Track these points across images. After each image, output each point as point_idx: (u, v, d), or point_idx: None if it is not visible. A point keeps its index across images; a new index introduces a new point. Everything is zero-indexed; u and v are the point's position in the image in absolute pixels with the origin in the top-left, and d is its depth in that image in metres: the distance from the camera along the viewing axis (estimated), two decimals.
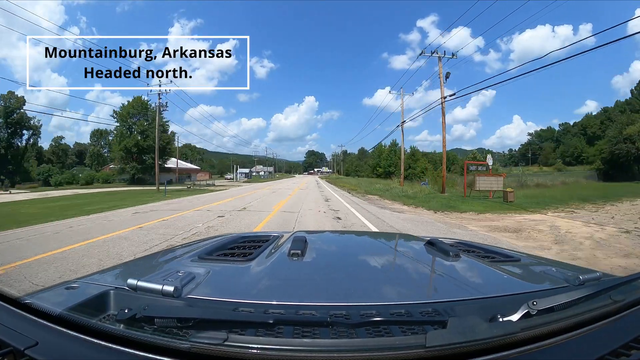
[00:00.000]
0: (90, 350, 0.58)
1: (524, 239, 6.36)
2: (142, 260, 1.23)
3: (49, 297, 0.79)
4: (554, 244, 5.82)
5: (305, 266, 1.06)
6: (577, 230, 6.97)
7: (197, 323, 0.60)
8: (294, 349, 0.55)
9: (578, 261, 4.55)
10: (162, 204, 13.71)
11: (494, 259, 1.18)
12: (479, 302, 0.78)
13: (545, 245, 5.80)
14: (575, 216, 9.14)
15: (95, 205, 13.10)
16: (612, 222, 7.94)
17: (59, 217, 9.24)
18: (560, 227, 7.37)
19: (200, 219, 8.83)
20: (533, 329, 0.60)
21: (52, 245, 5.53)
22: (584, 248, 5.48)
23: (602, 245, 5.60)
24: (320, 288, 0.91)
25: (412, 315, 0.67)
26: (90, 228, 7.44)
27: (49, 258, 4.69)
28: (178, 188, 29.56)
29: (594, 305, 0.71)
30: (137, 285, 0.73)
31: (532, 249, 5.37)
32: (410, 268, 1.17)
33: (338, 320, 0.61)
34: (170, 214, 10.06)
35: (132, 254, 4.85)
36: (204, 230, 7.13)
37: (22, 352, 0.56)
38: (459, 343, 0.54)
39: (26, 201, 16.46)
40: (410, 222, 8.64)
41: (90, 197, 18.32)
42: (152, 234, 6.65)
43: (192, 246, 1.38)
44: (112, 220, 8.85)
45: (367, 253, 1.45)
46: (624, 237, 6.21)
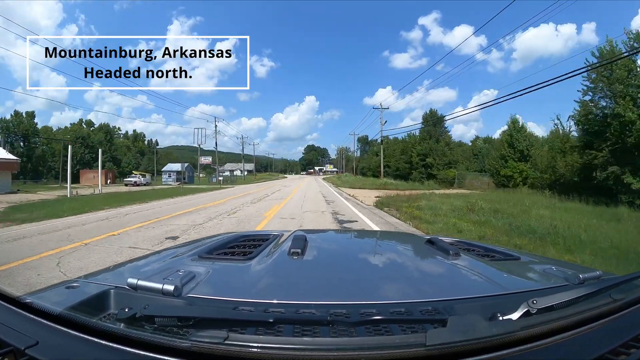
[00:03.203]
0: (90, 349, 0.58)
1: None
2: (142, 260, 1.24)
3: (49, 297, 0.79)
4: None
5: (306, 265, 1.06)
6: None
7: (197, 322, 0.60)
8: (294, 347, 0.55)
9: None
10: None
11: (494, 257, 1.19)
12: (479, 300, 0.78)
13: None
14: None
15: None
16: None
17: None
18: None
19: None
20: (533, 328, 0.60)
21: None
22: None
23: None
24: (320, 287, 0.91)
25: (412, 314, 0.67)
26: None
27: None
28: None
29: (594, 303, 0.71)
30: (138, 284, 0.73)
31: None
32: (410, 267, 1.17)
33: (338, 319, 0.61)
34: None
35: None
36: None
37: (23, 352, 0.56)
38: (459, 342, 0.55)
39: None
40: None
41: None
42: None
43: (192, 245, 1.38)
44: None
45: (367, 252, 1.45)
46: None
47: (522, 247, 5.24)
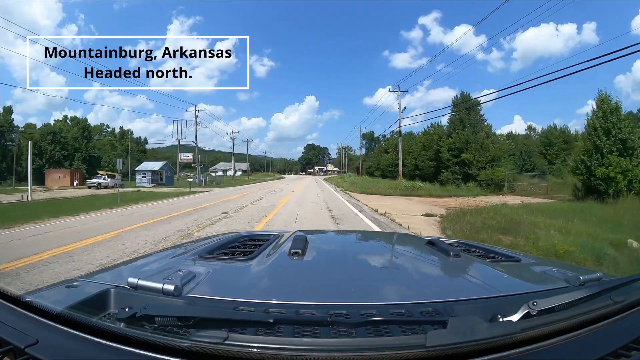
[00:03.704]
0: (90, 348, 0.58)
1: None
2: (142, 259, 1.24)
3: (50, 296, 0.79)
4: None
5: (306, 265, 1.06)
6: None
7: (197, 322, 0.60)
8: (294, 348, 0.55)
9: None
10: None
11: (495, 259, 1.18)
12: (479, 302, 0.78)
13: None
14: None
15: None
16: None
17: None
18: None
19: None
20: (533, 330, 0.60)
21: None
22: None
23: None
24: (321, 287, 0.91)
25: (412, 315, 0.67)
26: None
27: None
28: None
29: (594, 305, 0.71)
30: (138, 284, 0.73)
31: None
32: (410, 268, 1.17)
33: (338, 319, 0.61)
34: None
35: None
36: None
37: (23, 351, 0.56)
38: (459, 343, 0.55)
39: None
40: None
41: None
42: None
43: (192, 245, 1.38)
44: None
45: (367, 252, 1.45)
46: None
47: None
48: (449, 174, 28.86)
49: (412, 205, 14.45)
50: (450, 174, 28.80)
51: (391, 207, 12.86)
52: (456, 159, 28.91)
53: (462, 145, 28.49)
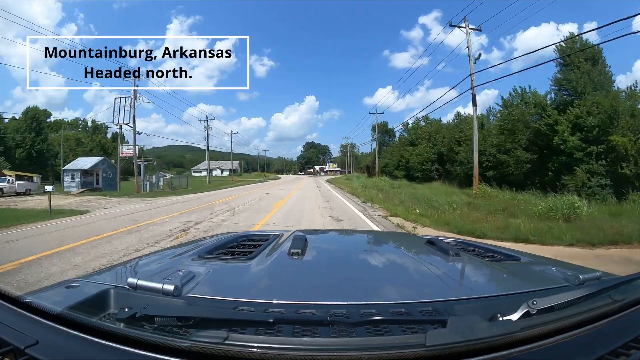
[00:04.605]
0: (90, 349, 0.58)
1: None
2: (142, 259, 1.24)
3: (49, 296, 0.79)
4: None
5: (306, 265, 1.06)
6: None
7: (197, 322, 0.60)
8: (294, 347, 0.55)
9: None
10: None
11: (494, 258, 1.18)
12: (479, 301, 0.78)
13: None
14: None
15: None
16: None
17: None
18: None
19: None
20: (533, 329, 0.60)
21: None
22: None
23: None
24: (320, 287, 0.91)
25: (412, 315, 0.67)
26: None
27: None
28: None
29: (594, 304, 0.71)
30: (137, 284, 0.73)
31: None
32: (410, 267, 1.17)
33: (338, 319, 0.61)
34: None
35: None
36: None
37: (23, 351, 0.56)
38: (458, 342, 0.55)
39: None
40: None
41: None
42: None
43: (192, 245, 1.38)
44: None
45: (367, 252, 1.45)
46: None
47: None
48: (582, 174, 15.21)
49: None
50: (583, 174, 15.20)
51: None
52: (595, 147, 15.36)
53: (605, 119, 14.85)
